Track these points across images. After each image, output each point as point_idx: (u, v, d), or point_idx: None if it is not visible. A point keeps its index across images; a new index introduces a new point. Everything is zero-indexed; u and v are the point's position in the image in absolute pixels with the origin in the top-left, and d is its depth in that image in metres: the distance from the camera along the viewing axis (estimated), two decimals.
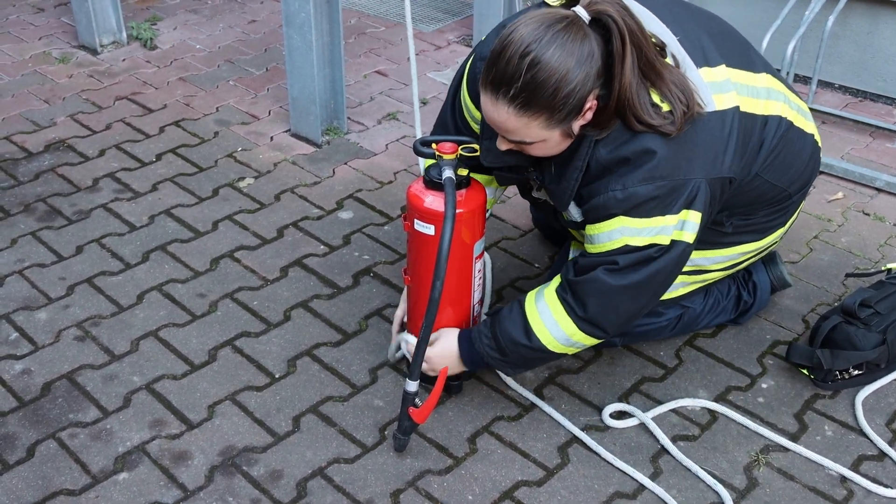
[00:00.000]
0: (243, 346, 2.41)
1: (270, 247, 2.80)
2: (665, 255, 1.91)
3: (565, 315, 1.98)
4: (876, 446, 2.15)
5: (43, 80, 3.74)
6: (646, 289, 1.95)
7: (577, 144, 1.89)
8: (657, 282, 1.95)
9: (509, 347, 2.04)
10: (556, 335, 2.01)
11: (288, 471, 2.06)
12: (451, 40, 4.18)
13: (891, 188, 3.08)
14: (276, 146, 3.32)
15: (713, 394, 2.29)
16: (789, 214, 2.26)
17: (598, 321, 1.98)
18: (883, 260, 2.77)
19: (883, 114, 3.56)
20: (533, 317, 2.02)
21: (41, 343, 2.40)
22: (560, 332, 2.00)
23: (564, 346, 2.03)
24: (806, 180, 2.22)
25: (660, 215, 1.86)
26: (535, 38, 1.70)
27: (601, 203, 1.88)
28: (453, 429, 2.18)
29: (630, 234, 1.88)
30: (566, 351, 2.05)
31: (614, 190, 1.85)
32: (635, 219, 1.87)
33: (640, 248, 1.89)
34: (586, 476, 2.07)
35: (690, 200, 1.87)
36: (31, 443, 2.11)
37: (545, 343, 2.02)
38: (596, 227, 1.93)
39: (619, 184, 1.85)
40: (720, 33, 2.04)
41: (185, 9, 4.47)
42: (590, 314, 1.96)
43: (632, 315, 2.01)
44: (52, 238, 2.81)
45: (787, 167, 2.13)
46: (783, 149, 2.09)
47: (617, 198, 1.85)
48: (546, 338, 2.01)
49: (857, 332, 2.25)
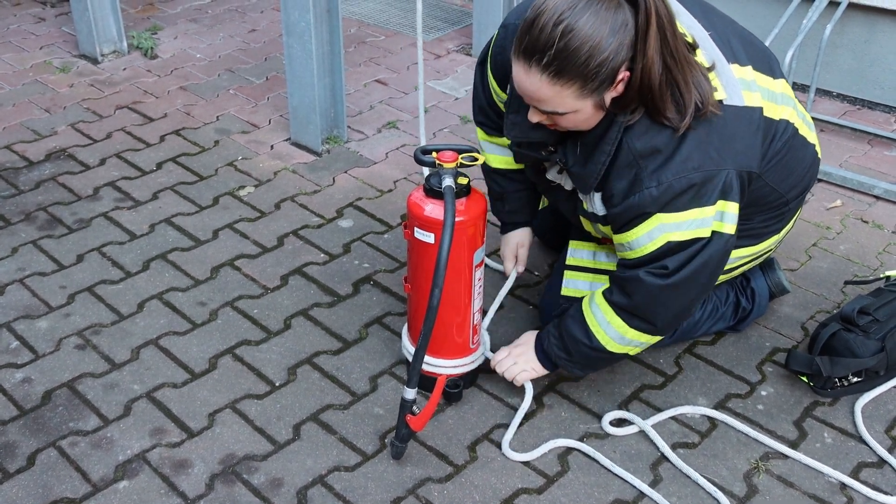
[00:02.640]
0: (244, 355, 2.41)
1: (271, 255, 2.80)
2: (708, 249, 1.91)
3: (616, 316, 2.01)
4: (875, 453, 2.15)
5: (44, 90, 3.76)
6: (693, 284, 1.96)
7: (606, 129, 1.89)
8: (705, 276, 1.96)
9: (572, 347, 2.08)
10: (611, 335, 2.04)
11: (288, 479, 2.06)
12: (450, 49, 4.20)
13: (889, 196, 3.09)
14: (276, 155, 3.33)
15: (713, 401, 2.30)
16: (785, 222, 2.27)
17: (648, 318, 2.00)
18: (881, 267, 2.78)
19: (881, 122, 3.58)
20: (590, 318, 2.06)
21: (42, 352, 2.41)
22: (614, 332, 2.03)
23: (622, 345, 2.05)
24: (804, 188, 2.23)
25: (697, 207, 1.87)
26: (569, 5, 1.71)
27: (636, 203, 1.87)
28: (453, 436, 2.18)
29: (670, 230, 1.88)
30: (626, 350, 2.08)
31: (649, 187, 1.85)
32: (673, 213, 1.87)
33: (683, 245, 1.89)
34: (586, 484, 2.07)
35: (726, 191, 1.88)
36: (32, 451, 2.11)
37: (604, 343, 2.05)
38: (633, 231, 1.92)
39: (653, 180, 1.85)
40: (744, 37, 2.07)
41: (185, 18, 4.48)
42: (637, 305, 1.98)
43: (683, 310, 2.02)
44: (52, 247, 2.81)
45: (788, 172, 2.14)
46: (786, 153, 2.11)
47: (653, 195, 1.85)
48: (603, 338, 2.05)
49: (856, 339, 2.25)
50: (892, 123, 3.57)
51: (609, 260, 2.28)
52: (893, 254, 2.85)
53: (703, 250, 1.91)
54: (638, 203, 1.88)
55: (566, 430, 2.20)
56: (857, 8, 3.51)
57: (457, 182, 2.00)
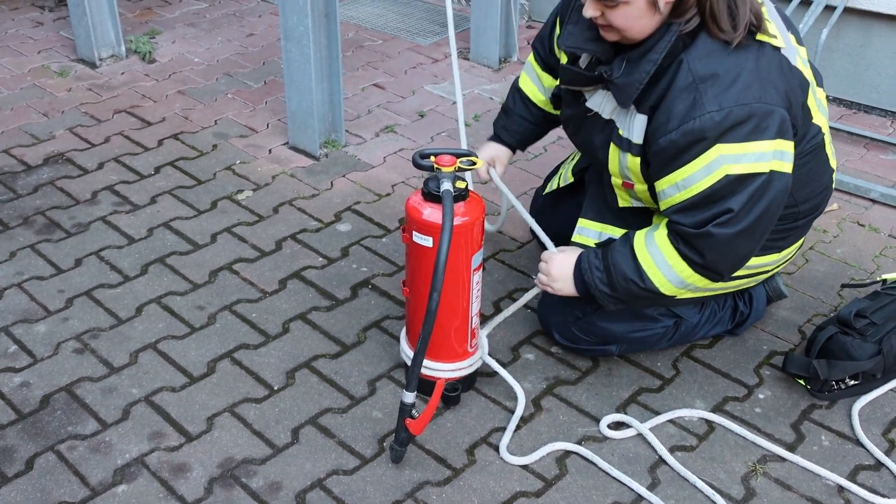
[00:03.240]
0: (242, 359, 2.42)
1: (269, 259, 2.81)
2: (769, 190, 1.92)
3: (680, 261, 2.01)
4: (872, 456, 2.15)
5: (42, 94, 3.76)
6: (758, 228, 1.97)
7: (657, 41, 1.92)
8: (767, 219, 1.97)
9: (620, 283, 2.07)
10: (670, 278, 2.03)
11: (287, 483, 2.06)
12: (447, 53, 4.21)
13: (885, 199, 3.10)
14: (274, 159, 3.34)
15: (710, 404, 2.30)
16: (789, 242, 2.28)
17: (716, 267, 2.01)
18: (878, 271, 2.79)
19: (877, 125, 3.59)
20: (645, 260, 2.04)
21: (40, 356, 2.41)
22: (675, 275, 2.03)
23: (678, 288, 2.06)
24: (814, 207, 2.25)
25: (755, 140, 1.88)
26: None
27: (697, 127, 1.87)
28: (452, 440, 2.18)
29: (730, 163, 1.88)
30: (678, 293, 2.08)
31: (710, 111, 1.86)
32: (732, 144, 1.87)
33: (742, 179, 1.89)
34: (584, 487, 2.07)
35: (783, 130, 1.91)
36: (30, 455, 2.11)
37: (657, 285, 2.04)
38: (689, 166, 1.92)
39: (714, 104, 1.86)
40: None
41: (183, 22, 4.49)
42: (708, 262, 1.99)
43: (747, 255, 2.03)
44: (50, 251, 2.81)
45: (806, 181, 2.17)
46: (810, 160, 2.14)
47: (714, 119, 1.86)
48: (659, 279, 2.04)
49: (853, 342, 2.26)
50: (889, 127, 3.58)
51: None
52: (890, 257, 2.85)
53: (765, 190, 1.92)
54: (699, 128, 1.87)
55: (564, 433, 2.21)
56: (853, 12, 3.52)
57: (455, 186, 2.00)
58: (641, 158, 2.05)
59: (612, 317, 2.28)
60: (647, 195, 2.14)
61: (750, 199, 1.91)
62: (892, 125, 3.60)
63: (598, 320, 2.29)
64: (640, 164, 2.06)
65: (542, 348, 2.47)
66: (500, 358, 2.42)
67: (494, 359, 2.36)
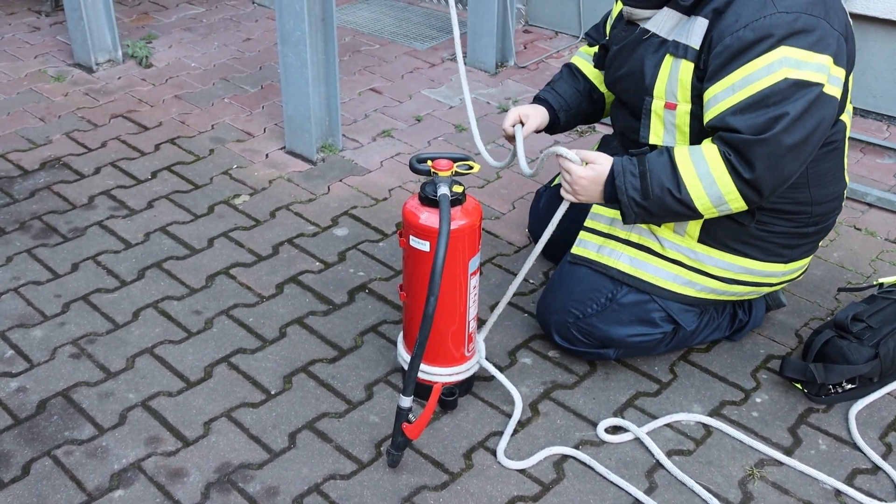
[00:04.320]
0: (239, 363, 2.41)
1: (266, 263, 2.81)
2: (822, 106, 1.95)
3: (726, 173, 1.99)
4: (869, 460, 2.16)
5: (38, 98, 3.76)
6: (807, 146, 1.98)
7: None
8: (816, 138, 1.99)
9: (655, 192, 2.03)
10: (709, 192, 2.01)
11: (284, 487, 2.06)
12: (444, 58, 4.21)
13: (882, 203, 3.10)
14: (271, 163, 3.34)
15: (707, 408, 2.30)
16: (796, 253, 2.28)
17: (762, 184, 1.99)
18: (875, 274, 2.79)
19: (873, 130, 3.60)
20: (686, 168, 2.01)
21: (36, 361, 2.40)
22: (716, 189, 2.01)
23: (713, 205, 2.03)
24: (826, 213, 2.26)
25: (818, 52, 1.92)
26: None
27: (768, 24, 1.90)
28: (449, 444, 2.18)
29: (791, 66, 1.91)
30: (709, 212, 2.06)
31: (781, 12, 1.90)
32: (798, 49, 1.91)
33: (800, 85, 1.91)
34: (582, 491, 2.07)
35: (838, 53, 1.96)
36: (27, 461, 2.11)
37: (694, 198, 2.02)
38: (751, 64, 1.94)
39: (784, 6, 1.91)
40: None
41: (180, 27, 4.49)
42: (756, 175, 1.97)
43: (790, 176, 2.02)
44: (47, 255, 2.81)
45: (823, 180, 2.19)
46: (831, 158, 2.17)
47: (785, 19, 1.90)
48: (697, 191, 2.01)
49: (850, 346, 2.26)
50: (885, 131, 3.59)
51: (612, 256, 2.29)
52: (886, 261, 2.86)
53: (818, 104, 1.94)
54: (769, 24, 1.91)
55: (561, 437, 2.21)
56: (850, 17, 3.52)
57: (452, 190, 2.01)
58: (695, 67, 2.06)
59: (612, 320, 2.29)
60: (685, 120, 2.12)
61: (806, 108, 1.93)
62: (889, 129, 3.60)
63: (598, 322, 2.30)
64: (692, 73, 2.07)
65: (540, 352, 2.47)
66: (498, 362, 2.42)
67: (492, 363, 2.36)
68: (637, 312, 2.29)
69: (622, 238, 2.29)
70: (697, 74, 2.06)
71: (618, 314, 2.28)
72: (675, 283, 2.27)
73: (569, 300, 2.31)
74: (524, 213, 3.03)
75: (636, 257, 2.27)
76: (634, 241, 2.28)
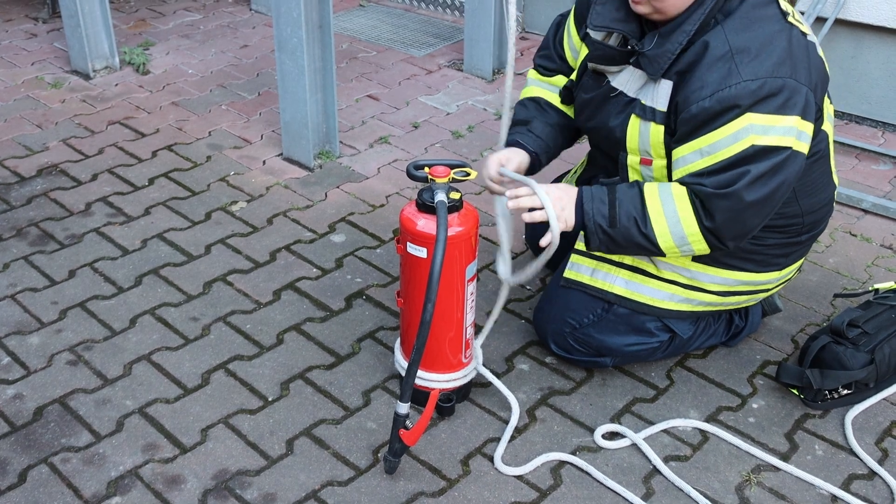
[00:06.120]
0: (236, 370, 2.41)
1: (263, 270, 2.81)
2: (788, 166, 1.95)
3: (692, 215, 2.00)
4: (866, 465, 2.16)
5: (35, 105, 3.76)
6: (770, 202, 1.99)
7: (693, 11, 1.96)
8: (780, 194, 1.99)
9: (623, 221, 2.03)
10: (673, 231, 2.01)
11: (281, 494, 2.06)
12: (441, 64, 4.22)
13: (877, 209, 3.12)
14: (268, 170, 3.34)
15: (704, 414, 2.31)
16: (791, 259, 2.30)
17: (722, 234, 2.00)
18: (870, 280, 2.80)
19: (868, 136, 3.61)
20: (654, 205, 2.02)
21: (33, 367, 2.40)
22: (680, 229, 2.01)
23: (675, 244, 2.03)
24: (817, 220, 2.27)
25: (784, 114, 1.91)
26: None
27: (733, 94, 1.90)
28: (446, 451, 2.18)
29: (757, 133, 1.91)
30: (671, 251, 2.05)
31: (746, 80, 1.89)
32: (763, 115, 1.90)
33: (767, 151, 1.92)
34: (579, 497, 2.07)
35: (807, 110, 1.95)
36: (23, 468, 2.10)
37: (657, 234, 2.02)
38: (718, 132, 1.94)
39: (749, 73, 1.90)
40: None
41: (177, 34, 4.50)
42: (717, 224, 1.98)
43: (753, 228, 2.04)
44: (44, 262, 2.81)
45: (812, 190, 2.19)
46: (817, 168, 2.16)
47: (750, 88, 1.89)
48: (661, 229, 2.01)
49: (846, 351, 2.27)
50: (880, 138, 3.61)
51: (606, 280, 2.29)
52: (882, 266, 2.87)
53: (784, 165, 1.94)
54: (734, 95, 1.90)
55: (559, 443, 2.21)
56: (844, 24, 3.55)
57: (449, 197, 2.01)
58: (665, 127, 2.06)
59: (609, 329, 2.29)
60: (663, 172, 2.14)
61: (770, 171, 1.94)
62: (884, 135, 3.62)
63: (594, 332, 2.30)
64: (662, 134, 2.07)
65: (537, 358, 2.47)
66: (495, 368, 2.43)
67: (489, 369, 2.36)
68: (633, 323, 2.29)
69: (615, 261, 2.27)
70: (668, 132, 2.07)
71: (614, 324, 2.29)
72: (673, 302, 2.28)
73: (565, 311, 2.32)
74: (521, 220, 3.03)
75: (632, 280, 2.27)
76: (628, 264, 2.26)
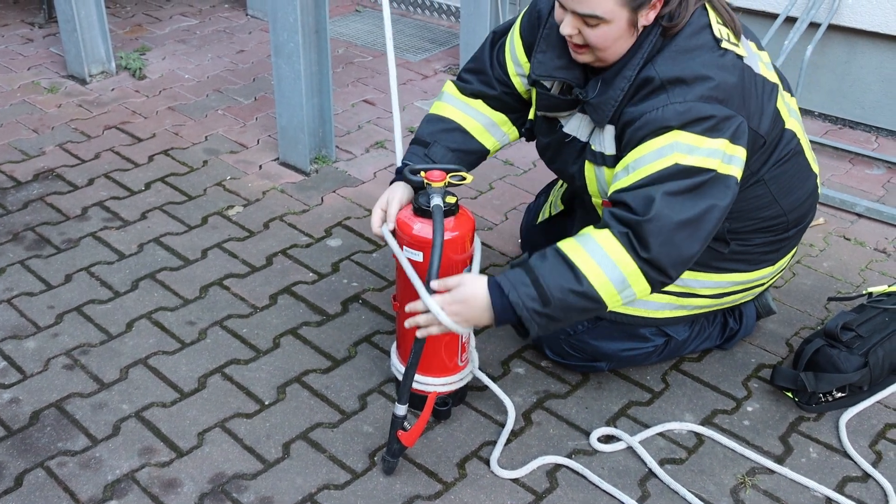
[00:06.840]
0: (233, 374, 2.42)
1: (259, 274, 2.81)
2: (712, 189, 1.92)
3: (625, 253, 1.90)
4: (860, 468, 2.17)
5: (32, 110, 3.76)
6: (702, 226, 1.92)
7: (631, 56, 1.97)
8: (712, 220, 1.93)
9: (555, 295, 1.89)
10: (611, 276, 1.90)
11: (278, 497, 2.06)
12: (437, 70, 4.24)
13: (870, 213, 3.13)
14: (264, 175, 3.35)
15: (699, 417, 2.32)
16: (781, 253, 2.30)
17: (661, 262, 1.90)
18: (864, 284, 2.81)
19: (862, 141, 3.63)
20: (581, 258, 1.90)
21: (30, 372, 2.40)
22: (617, 272, 1.90)
23: (617, 290, 1.91)
24: (803, 214, 2.27)
25: (712, 137, 1.91)
26: None
27: (660, 116, 1.90)
28: (442, 454, 2.19)
29: (682, 152, 1.90)
30: (613, 301, 1.93)
31: (674, 103, 1.90)
32: (690, 134, 1.90)
33: (689, 172, 1.89)
34: (574, 500, 2.08)
35: (738, 136, 1.94)
36: (20, 472, 2.10)
37: (597, 286, 1.89)
38: (643, 146, 1.93)
39: (678, 97, 1.91)
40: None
41: (173, 39, 4.50)
42: (653, 254, 1.89)
43: (691, 255, 1.94)
44: (40, 267, 2.81)
45: (790, 188, 2.19)
46: (791, 168, 2.16)
47: (678, 110, 1.90)
48: (599, 280, 1.89)
49: (840, 354, 2.28)
50: (873, 142, 3.62)
51: None
52: (875, 270, 2.88)
53: (710, 188, 1.91)
54: (662, 116, 1.91)
55: (554, 446, 2.22)
56: (838, 29, 3.56)
57: (445, 201, 2.02)
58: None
59: (604, 335, 2.30)
60: None
61: (689, 189, 1.90)
62: (877, 140, 3.64)
63: (589, 338, 2.31)
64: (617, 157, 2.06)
65: (532, 362, 2.48)
66: (491, 372, 2.43)
67: (485, 373, 2.36)
68: (627, 329, 2.30)
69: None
70: None
71: (608, 330, 2.29)
72: (667, 310, 2.29)
73: None
74: (517, 224, 3.04)
75: None
76: None
